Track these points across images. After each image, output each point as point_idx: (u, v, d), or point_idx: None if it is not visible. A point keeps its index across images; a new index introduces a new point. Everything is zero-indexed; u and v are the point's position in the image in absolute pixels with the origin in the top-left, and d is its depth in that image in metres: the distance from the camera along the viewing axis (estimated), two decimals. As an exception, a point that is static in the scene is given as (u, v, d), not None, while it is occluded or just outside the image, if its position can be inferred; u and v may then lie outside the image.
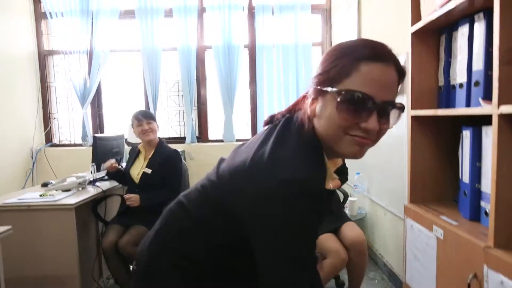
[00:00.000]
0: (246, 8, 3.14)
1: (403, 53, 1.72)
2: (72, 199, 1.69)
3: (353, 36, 2.53)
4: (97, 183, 2.00)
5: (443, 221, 1.09)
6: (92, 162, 2.00)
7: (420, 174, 1.32)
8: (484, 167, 1.04)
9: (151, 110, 3.14)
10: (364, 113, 0.55)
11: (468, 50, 1.08)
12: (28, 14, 3.16)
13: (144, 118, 1.96)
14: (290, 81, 3.16)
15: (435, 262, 1.11)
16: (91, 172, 2.00)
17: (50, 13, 3.11)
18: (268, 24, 3.15)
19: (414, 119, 1.29)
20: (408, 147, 1.33)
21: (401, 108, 0.59)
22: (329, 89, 0.57)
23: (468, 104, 1.09)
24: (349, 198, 2.27)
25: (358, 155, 0.60)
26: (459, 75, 1.14)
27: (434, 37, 1.28)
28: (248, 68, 3.28)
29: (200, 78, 3.27)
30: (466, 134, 1.10)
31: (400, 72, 0.59)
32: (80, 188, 1.94)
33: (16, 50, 3.02)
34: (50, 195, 1.72)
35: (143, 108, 3.22)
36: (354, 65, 0.55)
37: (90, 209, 1.90)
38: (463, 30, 1.10)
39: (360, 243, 1.69)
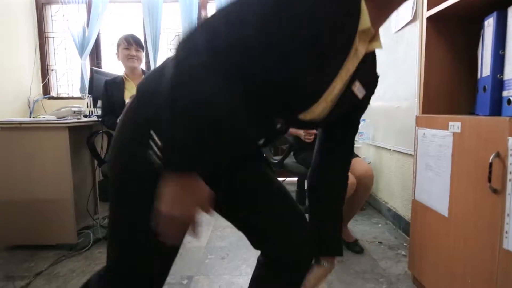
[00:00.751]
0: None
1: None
2: (65, 121, 1.62)
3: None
4: (93, 117, 1.92)
5: (459, 117, 1.01)
6: (89, 94, 1.92)
7: (434, 84, 1.24)
8: (508, 53, 0.95)
9: (151, 63, 3.06)
10: None
11: None
12: (25, -40, 3.04)
13: (134, 44, 1.85)
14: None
15: (450, 160, 1.03)
16: (87, 106, 1.92)
17: (47, -41, 3.00)
18: None
19: (430, 20, 1.20)
20: (422, 55, 1.25)
21: None
22: None
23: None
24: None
25: None
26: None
27: None
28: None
29: (202, 31, 3.15)
30: (489, 23, 1.01)
31: None
32: (76, 119, 1.86)
33: (13, -3, 2.91)
34: (42, 117, 1.65)
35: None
36: None
37: (85, 141, 1.83)
38: None
39: (369, 177, 1.63)
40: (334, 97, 0.64)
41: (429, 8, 1.20)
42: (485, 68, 1.03)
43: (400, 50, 1.87)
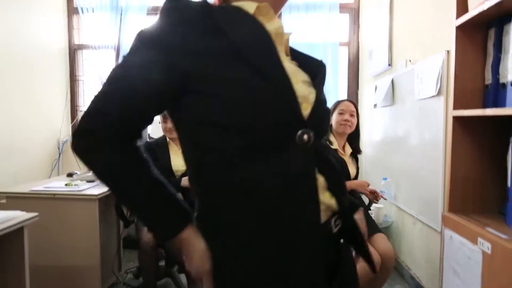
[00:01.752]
0: (273, 6, 3.09)
1: (442, 50, 1.63)
2: (96, 190, 1.69)
3: (384, 36, 2.43)
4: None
5: (490, 233, 0.99)
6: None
7: (461, 181, 1.22)
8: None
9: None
10: None
11: (524, 44, 0.98)
12: (61, 10, 3.25)
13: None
14: (316, 81, 3.08)
15: (479, 279, 1.01)
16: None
17: (81, 8, 3.19)
18: (295, 22, 3.09)
19: (457, 120, 1.20)
20: (448, 151, 1.24)
21: None
22: None
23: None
24: (375, 205, 2.16)
25: None
26: (511, 72, 1.04)
27: (482, 31, 1.18)
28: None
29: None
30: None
31: None
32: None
33: (48, 44, 3.10)
34: (75, 185, 1.74)
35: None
36: None
37: (113, 206, 1.90)
38: (518, 23, 1.01)
39: (389, 259, 1.60)
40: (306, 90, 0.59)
41: (455, 107, 1.20)
42: (515, 180, 1.02)
43: (423, 118, 1.85)
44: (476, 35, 1.19)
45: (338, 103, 1.88)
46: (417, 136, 1.94)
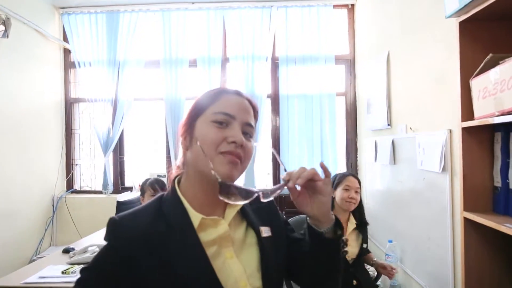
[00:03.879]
0: (269, 58, 3.14)
1: (443, 127, 1.63)
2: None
3: (381, 93, 2.46)
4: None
5: None
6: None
7: (475, 280, 1.19)
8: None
9: (172, 159, 3.12)
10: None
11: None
12: (58, 64, 3.25)
13: (160, 190, 1.89)
14: (315, 131, 3.09)
15: None
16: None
17: (78, 62, 3.20)
18: (291, 74, 3.13)
19: (468, 222, 1.18)
20: (457, 246, 1.21)
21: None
22: (203, 114, 0.70)
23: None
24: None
25: (230, 174, 0.65)
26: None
27: (488, 133, 1.18)
28: (270, 118, 3.24)
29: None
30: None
31: (253, 107, 0.76)
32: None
33: (45, 98, 3.08)
34: (72, 273, 1.66)
35: (164, 156, 3.21)
36: (217, 96, 0.71)
37: None
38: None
39: None
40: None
41: (465, 209, 1.18)
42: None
43: (429, 190, 1.83)
44: (482, 137, 1.18)
45: (342, 177, 1.85)
46: (422, 206, 1.91)
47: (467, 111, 1.18)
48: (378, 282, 2.12)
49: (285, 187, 0.69)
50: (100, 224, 2.81)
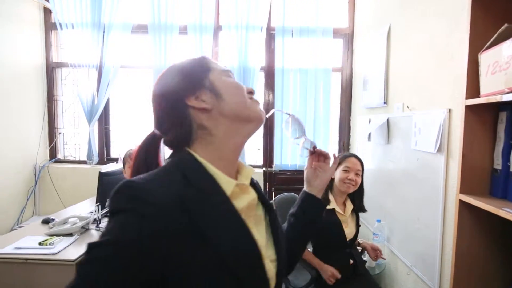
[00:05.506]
0: (264, 29, 2.98)
1: (442, 106, 1.56)
2: (74, 252, 1.55)
3: (379, 70, 2.36)
4: (102, 226, 1.86)
5: None
6: (97, 202, 1.87)
7: (466, 264, 1.16)
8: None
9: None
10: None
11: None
12: (37, 25, 3.03)
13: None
14: (308, 107, 3.00)
15: None
16: (95, 213, 1.86)
17: (60, 24, 2.98)
18: (287, 47, 2.99)
19: (463, 205, 1.13)
20: (454, 232, 1.18)
21: None
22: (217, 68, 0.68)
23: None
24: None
25: (263, 114, 0.68)
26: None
27: (493, 112, 1.11)
28: (263, 92, 3.13)
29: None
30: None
31: None
32: (83, 231, 1.80)
33: (24, 61, 2.89)
34: (50, 244, 1.59)
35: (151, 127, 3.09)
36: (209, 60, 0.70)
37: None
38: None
39: None
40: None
41: (462, 191, 1.13)
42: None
43: (421, 171, 1.79)
44: (486, 116, 1.12)
45: (344, 158, 1.77)
46: (414, 187, 1.88)
47: (472, 89, 1.10)
48: (364, 259, 2.13)
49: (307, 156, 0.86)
50: (84, 195, 2.74)
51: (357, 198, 1.78)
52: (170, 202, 0.51)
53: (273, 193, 3.07)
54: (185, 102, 0.63)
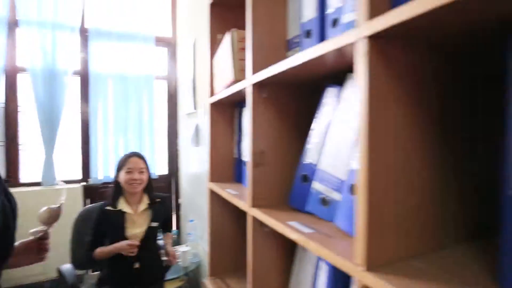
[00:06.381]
0: (77, 29, 2.72)
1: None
2: None
3: (189, 77, 2.49)
4: None
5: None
6: None
7: (218, 245, 1.30)
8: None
9: None
10: None
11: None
12: None
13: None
14: (131, 115, 2.89)
15: None
16: None
17: None
18: (105, 51, 2.82)
19: (213, 193, 1.27)
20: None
21: None
22: None
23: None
24: (181, 248, 2.14)
25: None
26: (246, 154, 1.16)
27: (231, 108, 1.30)
28: (79, 99, 2.84)
29: (9, 107, 2.62)
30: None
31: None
32: None
33: None
34: None
35: None
36: None
37: None
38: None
39: None
40: None
41: (212, 180, 1.27)
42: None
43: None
44: (226, 111, 1.29)
45: (124, 160, 1.72)
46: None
47: (212, 89, 1.26)
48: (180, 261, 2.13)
49: None
50: None
51: (149, 191, 1.76)
52: None
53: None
54: None
